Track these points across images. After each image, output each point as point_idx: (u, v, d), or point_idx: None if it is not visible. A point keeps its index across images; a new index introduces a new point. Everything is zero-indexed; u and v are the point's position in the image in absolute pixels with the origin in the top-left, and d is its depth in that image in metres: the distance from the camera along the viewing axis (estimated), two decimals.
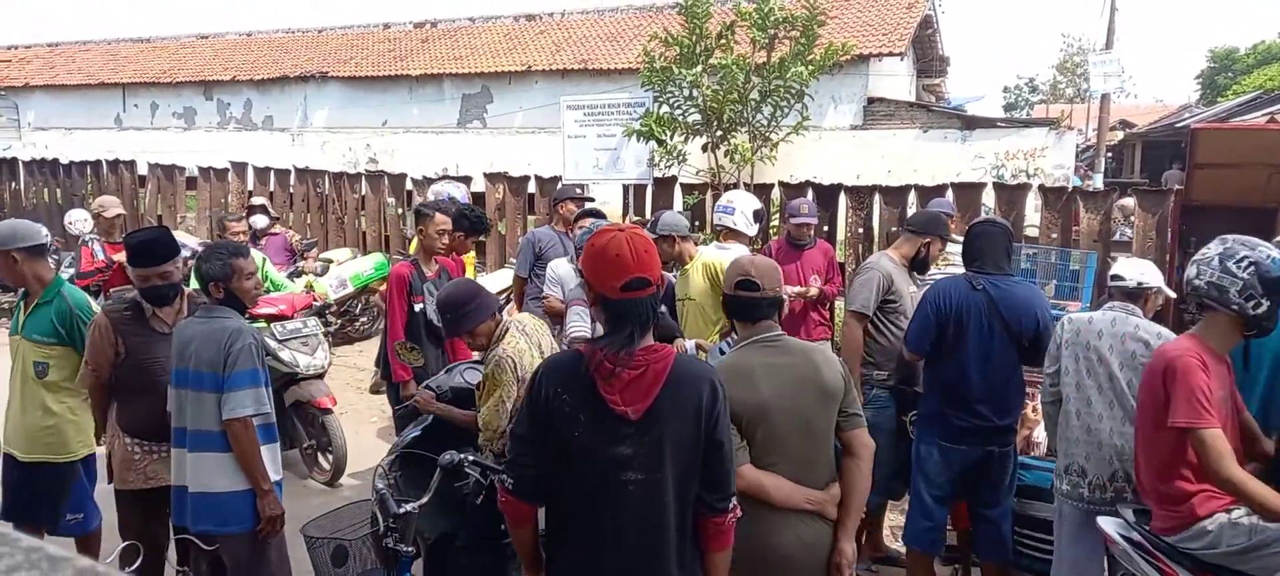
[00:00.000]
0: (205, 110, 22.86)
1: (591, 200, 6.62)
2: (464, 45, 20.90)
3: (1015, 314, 3.88)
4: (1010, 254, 4.10)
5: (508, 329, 3.44)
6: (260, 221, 8.74)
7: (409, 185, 11.58)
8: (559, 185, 9.01)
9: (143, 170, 13.93)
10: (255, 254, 5.86)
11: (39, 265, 3.91)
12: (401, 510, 3.73)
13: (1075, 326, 3.71)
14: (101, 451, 3.98)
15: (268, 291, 6.23)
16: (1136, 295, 3.69)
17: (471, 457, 3.65)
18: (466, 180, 11.32)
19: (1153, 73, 78.79)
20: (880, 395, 4.47)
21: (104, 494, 3.99)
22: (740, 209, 5.39)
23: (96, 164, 14.17)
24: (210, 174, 13.16)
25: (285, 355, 5.83)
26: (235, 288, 3.42)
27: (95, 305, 4.03)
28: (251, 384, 3.28)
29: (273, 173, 12.67)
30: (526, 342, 3.43)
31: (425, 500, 3.81)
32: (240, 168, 13.07)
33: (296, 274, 8.59)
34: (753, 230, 5.46)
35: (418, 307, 4.77)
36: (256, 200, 9.65)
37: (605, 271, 2.15)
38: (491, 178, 11.00)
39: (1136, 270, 3.76)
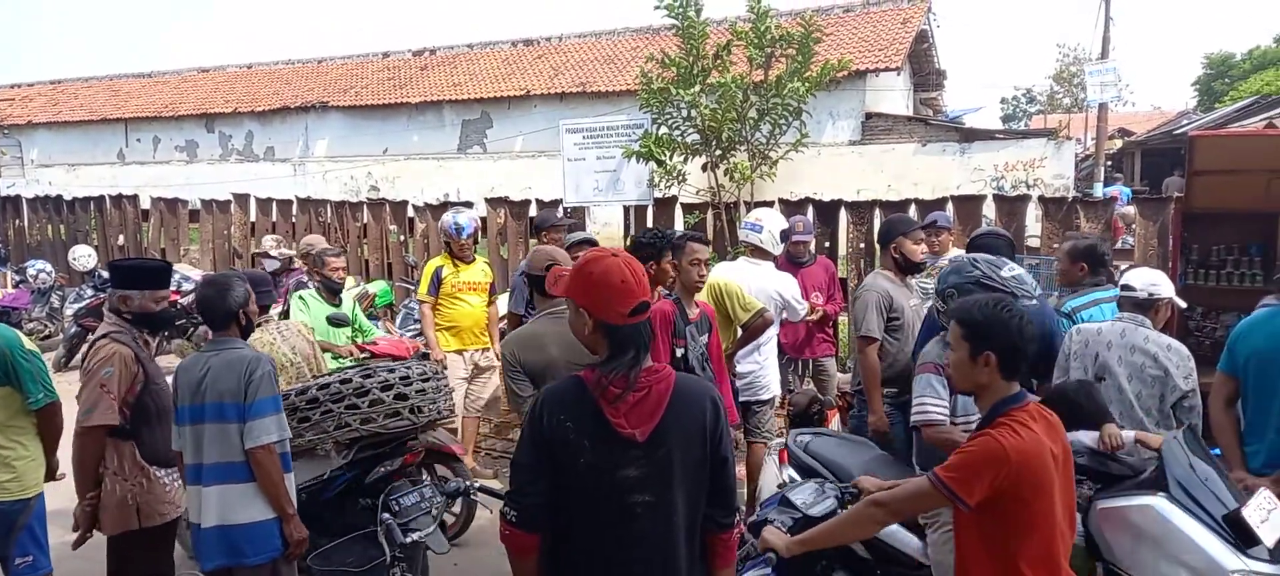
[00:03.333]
0: (207, 143, 23.00)
1: (572, 224, 6.65)
2: (463, 72, 21.03)
3: None
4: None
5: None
6: (272, 265, 7.96)
7: (411, 212, 11.61)
8: (539, 212, 8.99)
9: (145, 204, 14.00)
10: (346, 298, 5.81)
11: None
12: (408, 540, 3.74)
13: (1084, 337, 3.70)
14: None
15: (358, 338, 5.90)
16: (1147, 306, 3.67)
17: (479, 484, 3.66)
18: (468, 205, 11.38)
19: (1149, 79, 78.94)
20: (891, 411, 4.46)
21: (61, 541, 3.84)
22: (768, 227, 5.39)
23: (100, 199, 14.23)
24: (213, 206, 13.21)
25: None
26: (251, 313, 3.47)
27: (27, 341, 3.81)
28: (274, 410, 3.28)
29: (275, 203, 12.71)
30: (277, 338, 4.50)
31: (431, 531, 3.82)
32: (242, 199, 13.12)
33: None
34: (779, 249, 5.47)
35: (679, 352, 3.99)
36: (267, 240, 8.87)
37: (612, 298, 2.15)
38: (493, 202, 11.03)
39: (1147, 280, 3.73)
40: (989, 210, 8.74)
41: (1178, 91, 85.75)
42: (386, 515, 3.75)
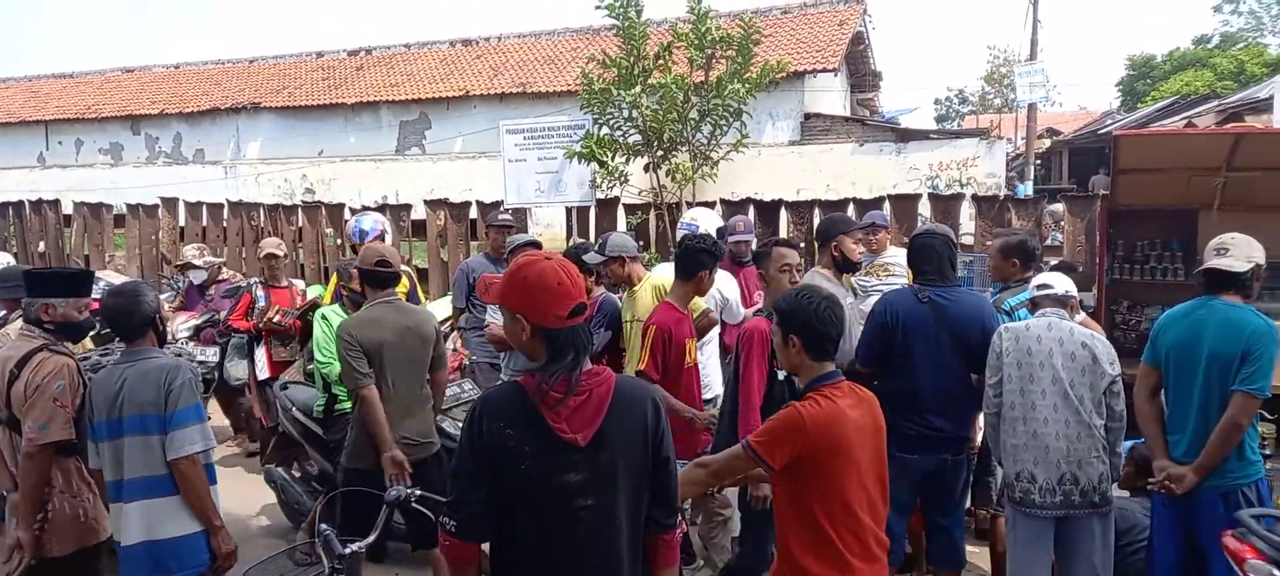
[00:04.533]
0: (133, 145, 22.22)
1: (510, 224, 6.50)
2: (400, 72, 20.71)
3: (962, 323, 3.92)
4: (954, 262, 4.14)
5: None
6: (199, 276, 7.36)
7: (347, 215, 11.39)
8: (474, 212, 8.92)
9: (68, 209, 13.47)
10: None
11: None
12: (347, 550, 3.65)
13: (1014, 334, 3.78)
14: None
15: None
16: (1064, 302, 3.84)
17: (419, 493, 3.59)
18: (407, 208, 11.20)
19: (1076, 80, 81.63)
20: None
21: None
22: (704, 226, 5.42)
23: (19, 204, 13.66)
24: (139, 211, 12.78)
25: (451, 429, 4.72)
26: (165, 319, 3.38)
27: None
28: (197, 419, 3.21)
29: (205, 207, 12.35)
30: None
31: (372, 538, 3.74)
32: (171, 203, 12.72)
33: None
34: (720, 249, 5.49)
35: (781, 375, 3.71)
36: (189, 250, 7.74)
37: (548, 301, 2.13)
38: (432, 204, 10.88)
39: (1062, 282, 3.95)
40: (924, 209, 8.92)
41: (1103, 92, 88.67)
42: (324, 525, 3.66)
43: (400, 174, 18.46)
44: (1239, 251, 3.53)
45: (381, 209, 11.01)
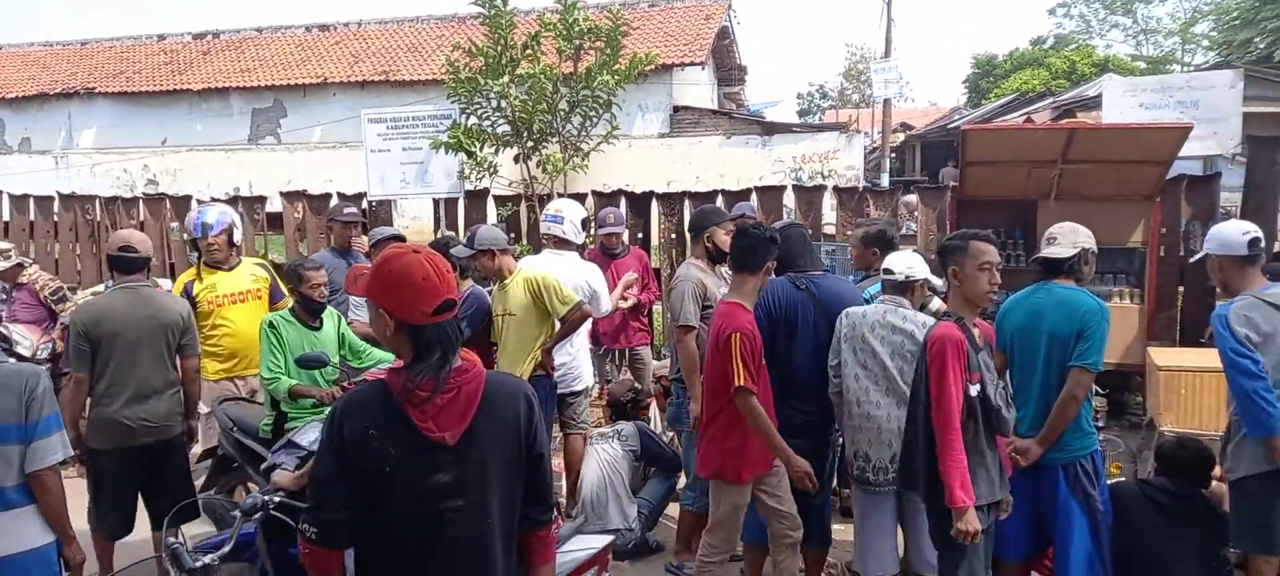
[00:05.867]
0: None
1: (355, 219, 6.21)
2: (251, 57, 19.67)
3: (835, 308, 4.06)
4: (814, 251, 4.34)
5: None
6: None
7: (195, 207, 10.70)
8: (334, 203, 8.56)
9: None
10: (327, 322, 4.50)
11: None
12: (198, 564, 3.43)
13: (852, 320, 3.94)
14: None
15: (352, 361, 4.60)
16: (905, 288, 3.94)
17: (278, 498, 3.40)
18: (262, 200, 10.63)
19: (927, 77, 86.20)
20: None
21: None
22: (569, 217, 5.36)
23: None
24: None
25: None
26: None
27: None
28: (59, 427, 3.08)
29: (32, 200, 11.33)
30: None
31: (226, 550, 3.51)
32: None
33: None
34: (581, 238, 5.45)
35: (974, 389, 3.24)
36: None
37: (413, 297, 2.04)
38: (289, 196, 10.34)
39: (904, 264, 3.99)
40: (790, 200, 9.17)
41: (951, 90, 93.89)
42: (171, 538, 3.42)
43: (254, 164, 17.55)
44: (1065, 239, 3.77)
45: (232, 200, 10.40)
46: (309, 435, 3.50)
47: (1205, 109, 7.92)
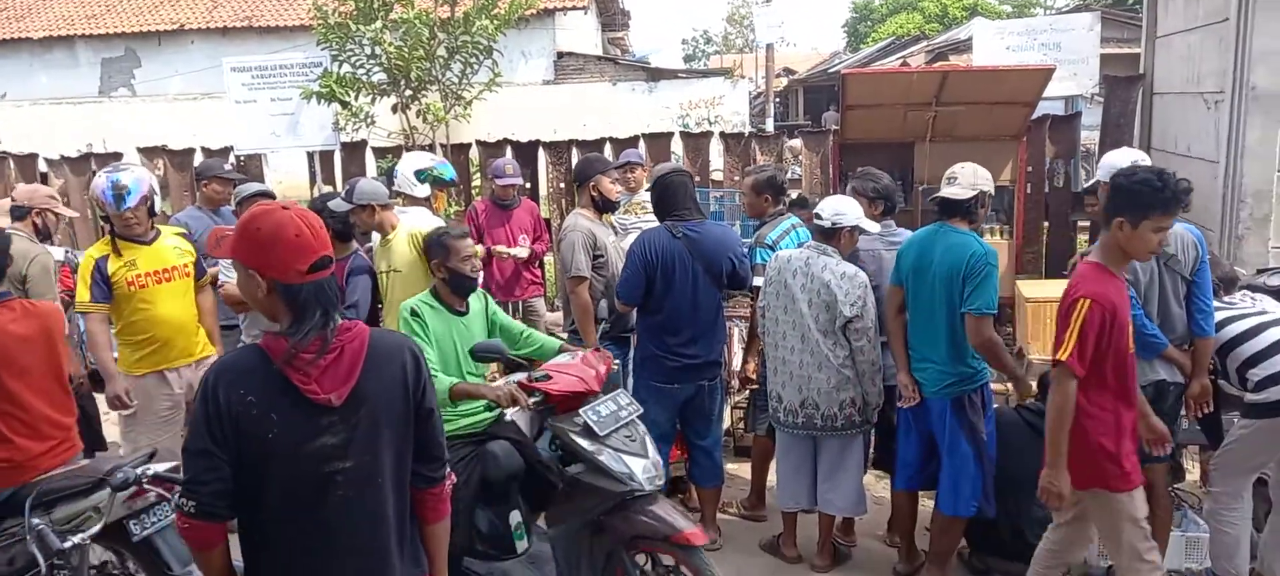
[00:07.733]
0: None
1: (240, 177, 5.85)
2: (98, 3, 18.20)
3: (713, 255, 4.14)
4: (696, 197, 4.35)
5: None
6: None
7: (43, 167, 9.86)
8: (199, 158, 8.09)
9: None
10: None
11: None
12: (66, 544, 3.23)
13: (778, 265, 4.02)
14: None
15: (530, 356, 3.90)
16: (831, 234, 3.95)
17: (153, 471, 3.22)
18: (117, 156, 9.89)
19: (808, 22, 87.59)
20: (606, 345, 4.52)
21: None
22: (401, 171, 5.17)
23: None
24: None
25: (611, 462, 3.35)
26: None
27: None
28: None
29: None
30: None
31: (97, 529, 3.31)
32: None
33: None
34: (422, 191, 5.15)
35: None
36: None
37: (286, 255, 1.95)
38: (148, 152, 9.66)
39: (833, 209, 3.96)
40: (677, 146, 9.17)
41: (832, 35, 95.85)
42: (36, 520, 3.19)
43: (107, 119, 16.34)
44: (965, 180, 3.76)
45: (85, 158, 9.66)
46: None
47: (1066, 50, 8.28)
